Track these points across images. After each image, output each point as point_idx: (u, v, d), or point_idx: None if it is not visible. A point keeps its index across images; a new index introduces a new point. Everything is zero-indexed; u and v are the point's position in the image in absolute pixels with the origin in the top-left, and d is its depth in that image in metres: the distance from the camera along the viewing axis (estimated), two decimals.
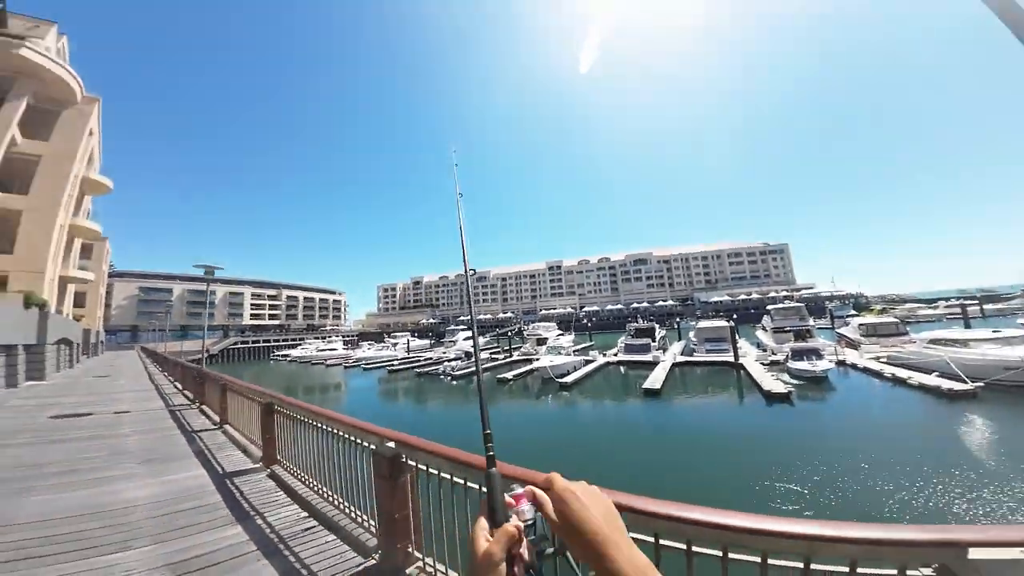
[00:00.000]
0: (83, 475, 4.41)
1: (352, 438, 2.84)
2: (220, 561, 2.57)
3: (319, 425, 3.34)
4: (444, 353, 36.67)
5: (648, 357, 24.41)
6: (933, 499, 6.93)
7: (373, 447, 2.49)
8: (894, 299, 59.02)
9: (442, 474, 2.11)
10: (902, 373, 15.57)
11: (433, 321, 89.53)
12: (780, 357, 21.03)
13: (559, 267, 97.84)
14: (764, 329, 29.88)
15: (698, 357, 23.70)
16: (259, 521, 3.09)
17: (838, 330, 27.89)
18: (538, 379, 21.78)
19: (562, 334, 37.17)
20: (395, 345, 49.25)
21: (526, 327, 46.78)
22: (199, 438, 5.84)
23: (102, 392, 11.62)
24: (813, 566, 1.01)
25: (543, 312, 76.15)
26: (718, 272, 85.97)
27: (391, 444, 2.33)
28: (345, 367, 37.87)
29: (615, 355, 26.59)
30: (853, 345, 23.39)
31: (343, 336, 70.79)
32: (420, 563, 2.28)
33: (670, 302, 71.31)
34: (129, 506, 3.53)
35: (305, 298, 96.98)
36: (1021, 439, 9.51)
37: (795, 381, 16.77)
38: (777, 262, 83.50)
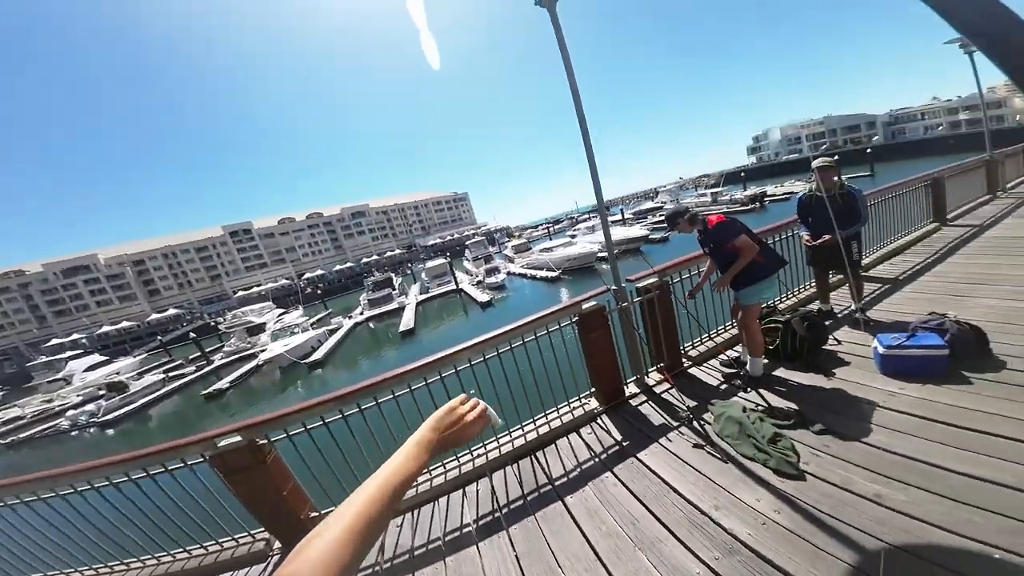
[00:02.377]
0: None
1: (144, 472, 2.12)
2: None
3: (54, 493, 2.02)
4: (51, 403, 21.06)
5: (394, 304, 26.22)
6: None
7: (206, 455, 2.10)
8: (524, 227, 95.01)
9: (310, 425, 2.23)
10: (533, 272, 26.66)
11: None
12: (481, 277, 29.13)
13: (248, 231, 74.31)
14: (468, 260, 39.32)
15: (432, 292, 28.14)
16: None
17: (504, 252, 41.69)
18: (274, 370, 18.18)
19: (285, 311, 31.17)
20: None
21: (219, 318, 34.75)
22: None
23: None
24: (538, 333, 2.62)
25: (241, 293, 57.86)
26: (428, 219, 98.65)
27: (236, 438, 2.12)
28: None
29: (360, 314, 26.38)
30: (511, 260, 36.14)
31: None
32: (326, 514, 2.43)
33: (397, 250, 75.15)
34: None
35: None
36: (576, 292, 19.53)
37: (491, 292, 24.36)
38: (464, 207, 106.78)
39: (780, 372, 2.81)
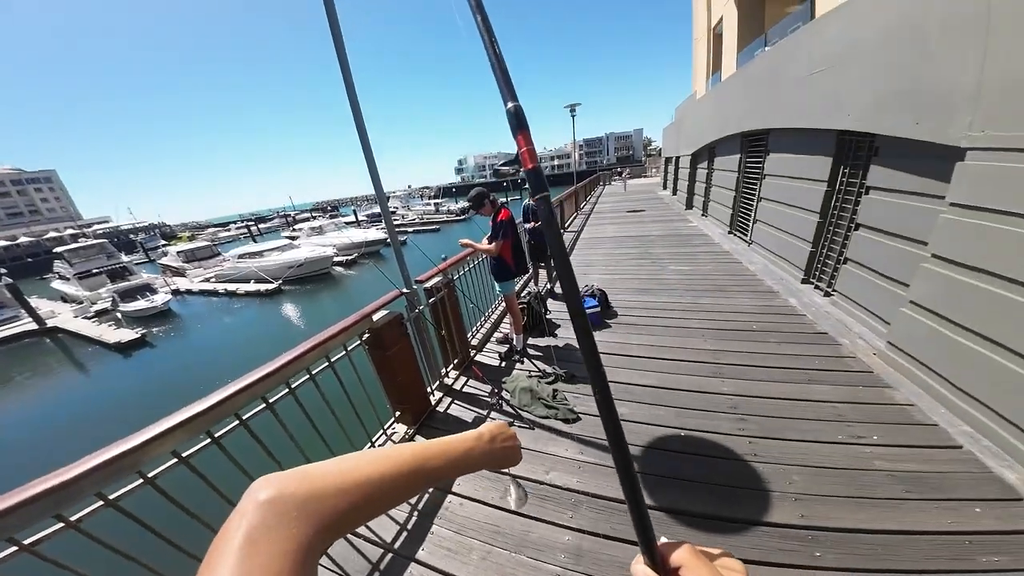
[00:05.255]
0: None
1: None
2: None
3: None
4: None
5: None
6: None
7: None
8: (197, 225, 65.73)
9: None
10: (231, 287, 19.12)
11: None
12: (107, 304, 17.61)
13: None
14: (62, 278, 22.26)
15: None
16: None
17: (159, 261, 27.20)
18: None
19: None
20: None
21: None
22: None
23: None
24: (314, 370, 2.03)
25: None
26: None
27: None
28: None
29: None
30: (180, 273, 24.18)
31: None
32: None
33: None
34: None
35: None
36: (311, 309, 15.88)
37: (140, 325, 15.28)
38: (46, 194, 59.17)
39: (532, 340, 3.69)
